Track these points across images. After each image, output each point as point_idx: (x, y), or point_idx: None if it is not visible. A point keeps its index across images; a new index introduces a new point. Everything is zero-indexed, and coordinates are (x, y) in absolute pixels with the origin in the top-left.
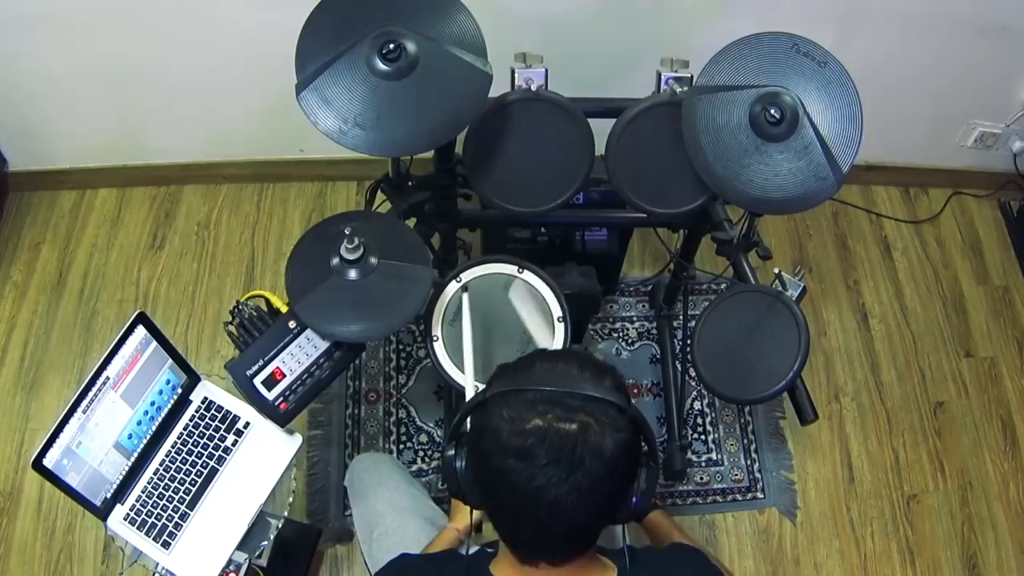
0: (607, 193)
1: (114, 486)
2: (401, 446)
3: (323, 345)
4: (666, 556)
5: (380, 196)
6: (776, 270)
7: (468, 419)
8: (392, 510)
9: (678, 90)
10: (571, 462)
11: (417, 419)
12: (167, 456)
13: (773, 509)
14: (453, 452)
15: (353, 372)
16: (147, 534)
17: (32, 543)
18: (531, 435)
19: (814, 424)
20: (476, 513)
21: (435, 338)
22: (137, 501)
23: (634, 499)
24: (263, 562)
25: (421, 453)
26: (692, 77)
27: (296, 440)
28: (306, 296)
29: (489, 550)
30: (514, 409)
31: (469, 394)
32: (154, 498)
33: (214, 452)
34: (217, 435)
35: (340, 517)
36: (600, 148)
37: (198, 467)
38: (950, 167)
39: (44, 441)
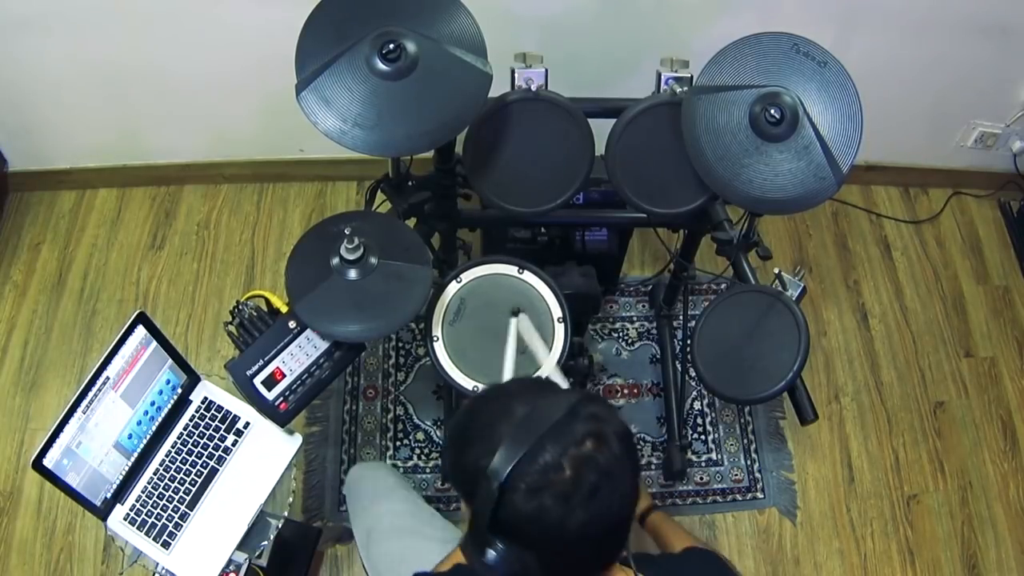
0: (607, 193)
1: (114, 486)
2: (398, 443)
3: (323, 345)
4: (681, 560)
5: (380, 196)
6: (776, 270)
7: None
8: (395, 528)
9: (678, 90)
10: (597, 486)
11: (415, 417)
12: (167, 456)
13: (773, 509)
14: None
15: (352, 368)
16: (147, 534)
17: (32, 543)
18: (565, 484)
19: (814, 424)
20: None
21: (435, 338)
22: (137, 501)
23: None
24: (263, 562)
25: (418, 451)
26: (692, 77)
27: (296, 440)
28: (306, 296)
29: None
30: (531, 475)
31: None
32: (154, 498)
33: (214, 452)
34: (217, 435)
35: (336, 514)
36: (600, 148)
37: (198, 467)
38: (950, 167)
39: (44, 441)
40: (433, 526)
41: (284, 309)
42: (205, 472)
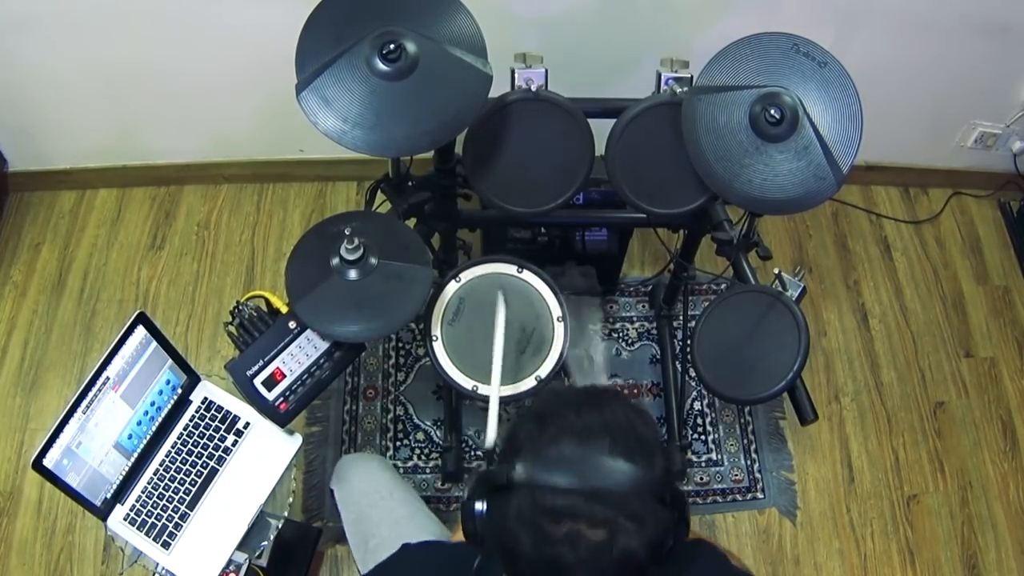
0: (607, 193)
1: (114, 486)
2: (398, 443)
3: (323, 345)
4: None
5: (380, 196)
6: (776, 270)
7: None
8: (388, 520)
9: (678, 90)
10: (600, 569)
11: (415, 417)
12: (167, 456)
13: (773, 509)
14: (474, 513)
15: (352, 368)
16: (147, 534)
17: (32, 543)
18: (559, 544)
19: (814, 424)
20: None
21: (435, 338)
22: (137, 501)
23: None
24: (263, 562)
25: (418, 451)
26: (692, 77)
27: (296, 440)
28: (306, 296)
29: None
30: (538, 511)
31: (494, 404)
32: (154, 498)
33: (214, 452)
34: (217, 435)
35: (336, 513)
36: (600, 148)
37: (198, 467)
38: (950, 167)
39: (44, 441)
40: (428, 518)
41: (284, 309)
42: (205, 472)
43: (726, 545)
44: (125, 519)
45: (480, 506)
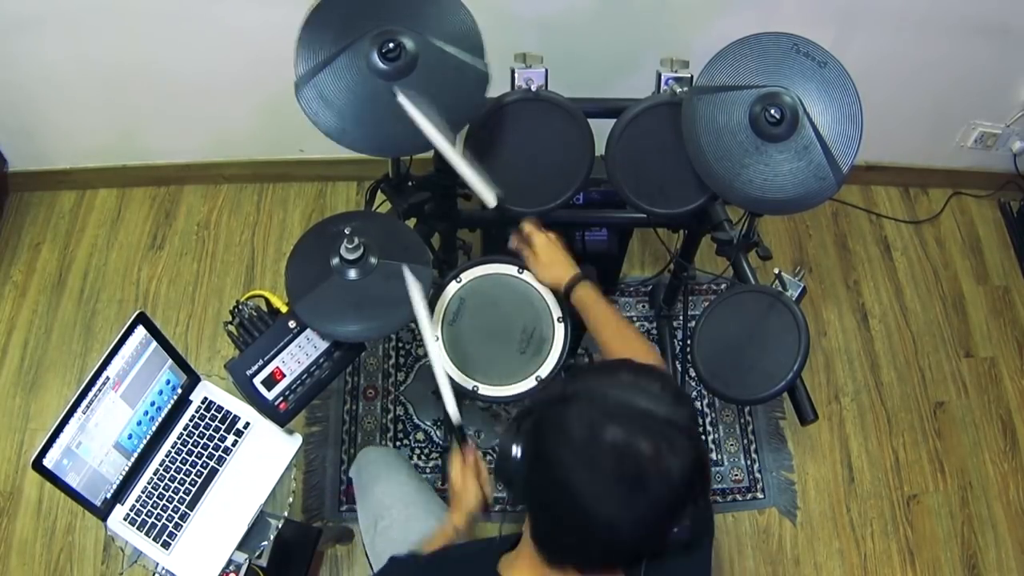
0: (607, 193)
1: (114, 486)
2: (398, 443)
3: (323, 345)
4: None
5: (380, 196)
6: (776, 270)
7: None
8: (400, 503)
9: (678, 90)
10: (636, 482)
11: (415, 417)
12: (167, 456)
13: (773, 509)
14: (516, 441)
15: (352, 368)
16: (147, 534)
17: (32, 543)
18: (606, 447)
19: (814, 424)
20: (475, 506)
21: (435, 338)
22: (137, 501)
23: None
24: (263, 562)
25: (418, 451)
26: (692, 77)
27: (296, 440)
28: (306, 296)
29: (493, 539)
30: (593, 414)
31: (428, 341)
32: (154, 498)
33: (214, 452)
34: (217, 435)
35: (336, 513)
36: (600, 148)
37: (198, 467)
38: (950, 167)
39: (44, 441)
40: (440, 507)
41: (284, 309)
42: (205, 472)
43: (726, 545)
44: (125, 519)
45: (522, 434)
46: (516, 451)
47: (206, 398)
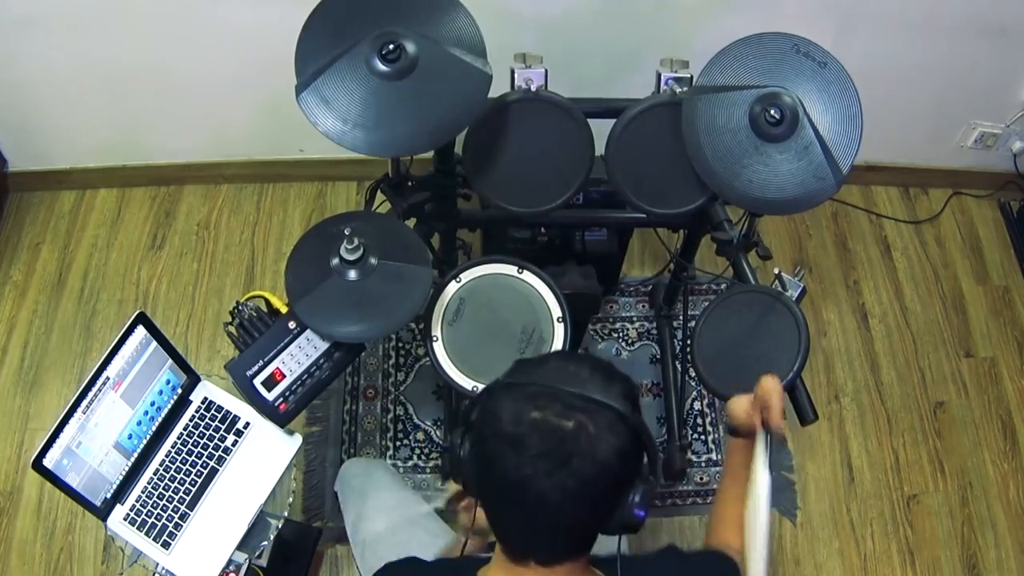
0: (607, 193)
1: (114, 486)
2: (398, 443)
3: (323, 345)
4: (703, 563)
5: (380, 196)
6: (776, 270)
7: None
8: (386, 518)
9: (678, 90)
10: (560, 458)
11: (415, 417)
12: (167, 456)
13: (773, 509)
14: (460, 437)
15: (352, 368)
16: (147, 534)
17: (32, 543)
18: (526, 425)
19: (814, 424)
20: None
21: (434, 338)
22: (137, 501)
23: (632, 511)
24: (263, 562)
25: (418, 451)
26: (692, 77)
27: (296, 440)
28: (306, 296)
29: (484, 555)
30: (518, 400)
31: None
32: (154, 498)
33: (214, 452)
34: (217, 435)
35: (336, 514)
36: (600, 148)
37: (198, 467)
38: (950, 167)
39: (44, 441)
40: (427, 516)
41: (284, 309)
42: (205, 472)
43: None
44: (125, 519)
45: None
46: (460, 445)
47: (206, 398)
